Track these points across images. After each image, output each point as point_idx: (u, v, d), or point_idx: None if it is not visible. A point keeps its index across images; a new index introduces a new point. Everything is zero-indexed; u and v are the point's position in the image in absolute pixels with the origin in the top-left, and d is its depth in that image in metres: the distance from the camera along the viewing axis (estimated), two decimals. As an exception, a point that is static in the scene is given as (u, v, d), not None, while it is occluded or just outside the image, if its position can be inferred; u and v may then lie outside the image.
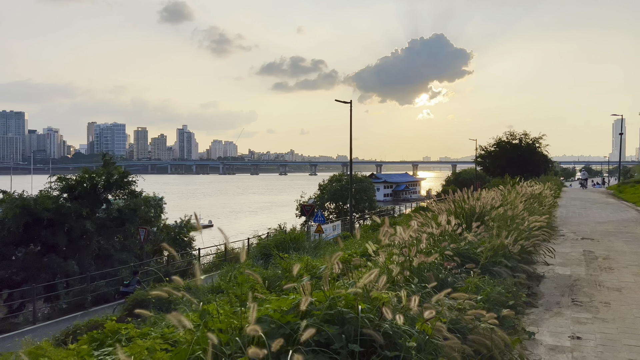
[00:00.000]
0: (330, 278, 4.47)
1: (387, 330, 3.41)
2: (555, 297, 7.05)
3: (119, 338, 4.63)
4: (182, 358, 2.94)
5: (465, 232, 8.05)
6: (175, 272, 23.20)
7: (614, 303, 6.71)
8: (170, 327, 4.61)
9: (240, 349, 3.01)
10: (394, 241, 6.23)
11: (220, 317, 3.47)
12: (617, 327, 5.69)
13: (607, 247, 11.43)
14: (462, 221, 8.79)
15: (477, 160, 54.00)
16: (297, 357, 2.46)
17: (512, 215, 9.74)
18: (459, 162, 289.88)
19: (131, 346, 3.22)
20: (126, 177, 27.67)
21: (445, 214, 7.75)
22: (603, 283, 7.87)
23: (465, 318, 4.33)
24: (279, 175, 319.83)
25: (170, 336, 3.89)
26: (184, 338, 3.45)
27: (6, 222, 22.98)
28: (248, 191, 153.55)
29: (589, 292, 7.29)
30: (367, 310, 3.58)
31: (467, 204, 11.05)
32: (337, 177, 55.74)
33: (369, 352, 3.34)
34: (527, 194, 16.15)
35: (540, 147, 48.76)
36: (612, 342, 5.20)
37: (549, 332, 5.51)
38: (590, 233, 13.75)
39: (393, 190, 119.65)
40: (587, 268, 9.06)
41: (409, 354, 3.31)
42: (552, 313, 6.26)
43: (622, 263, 9.48)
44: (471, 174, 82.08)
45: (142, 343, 3.31)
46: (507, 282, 6.24)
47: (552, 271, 8.73)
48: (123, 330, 4.69)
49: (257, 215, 75.06)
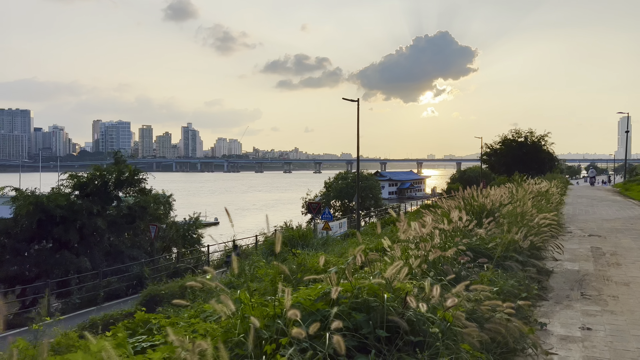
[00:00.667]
0: (353, 270, 4.71)
1: (411, 317, 3.64)
2: (564, 290, 7.25)
3: (150, 327, 4.87)
4: (232, 335, 3.17)
5: (476, 228, 8.26)
6: (186, 269, 23.53)
7: (622, 297, 6.91)
8: (196, 317, 4.85)
9: (277, 332, 3.24)
10: (409, 236, 6.46)
11: (253, 304, 3.70)
12: (625, 319, 5.90)
13: (615, 243, 11.60)
14: (473, 218, 9.00)
15: (483, 158, 54.03)
16: (336, 339, 2.68)
17: (522, 212, 9.94)
18: (464, 159, 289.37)
19: (177, 329, 3.44)
20: (137, 175, 28.07)
21: (457, 211, 7.96)
22: (611, 278, 8.06)
23: (482, 308, 4.56)
24: (283, 173, 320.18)
25: (198, 326, 4.12)
26: (220, 324, 3.68)
27: (20, 218, 23.39)
28: (253, 189, 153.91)
29: (598, 287, 7.48)
30: (392, 299, 3.81)
31: (477, 201, 11.27)
32: (342, 175, 55.91)
33: (394, 337, 3.57)
34: (534, 191, 16.33)
35: (546, 144, 48.75)
36: (621, 333, 5.41)
37: (560, 324, 5.72)
38: (598, 230, 13.91)
39: (398, 188, 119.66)
40: (595, 264, 9.25)
41: (432, 339, 3.53)
42: (562, 306, 6.47)
43: (630, 259, 9.66)
44: (476, 172, 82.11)
45: (187, 326, 3.54)
46: (519, 276, 6.45)
47: (560, 266, 8.93)
48: (153, 320, 4.93)
49: (263, 213, 75.31)
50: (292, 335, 2.79)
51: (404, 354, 3.42)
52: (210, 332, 3.40)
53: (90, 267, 22.74)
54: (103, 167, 27.61)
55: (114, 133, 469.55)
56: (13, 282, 22.42)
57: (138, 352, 3.65)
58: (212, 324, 3.63)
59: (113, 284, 21.27)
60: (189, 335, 3.34)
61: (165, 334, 3.61)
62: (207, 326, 3.57)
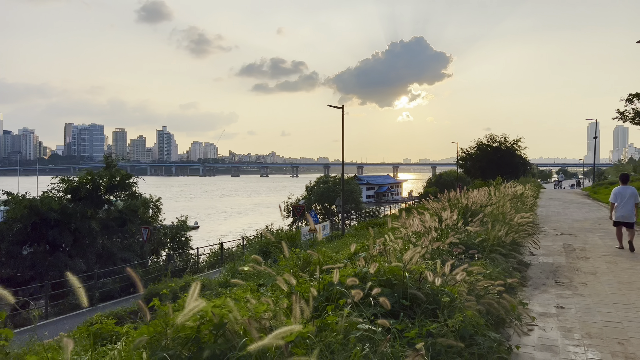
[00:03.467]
0: (370, 257, 5.69)
1: (427, 290, 4.63)
2: (541, 279, 8.36)
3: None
4: (306, 289, 4.07)
5: (463, 226, 9.33)
6: (176, 270, 24.12)
7: (590, 283, 8.04)
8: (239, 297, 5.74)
9: (327, 299, 4.19)
10: (410, 231, 7.49)
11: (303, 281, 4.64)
12: (592, 300, 7.01)
13: (584, 240, 12.86)
14: (460, 217, 10.08)
15: (459, 163, 55.73)
16: (382, 299, 3.64)
17: (502, 212, 11.09)
18: (439, 164, 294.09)
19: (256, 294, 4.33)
20: (128, 179, 28.62)
21: (449, 210, 9.02)
22: (580, 269, 9.22)
23: (478, 287, 5.58)
24: (260, 177, 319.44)
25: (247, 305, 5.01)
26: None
27: (14, 221, 23.71)
28: (235, 192, 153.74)
29: (569, 276, 8.62)
30: (409, 278, 4.80)
31: (461, 202, 12.39)
32: (324, 179, 56.99)
33: (414, 306, 4.54)
34: (510, 194, 17.60)
35: (519, 149, 50.65)
36: (588, 310, 6.51)
37: (539, 304, 6.80)
38: (569, 229, 15.20)
39: (375, 192, 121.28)
40: (567, 257, 10.42)
41: (443, 307, 4.52)
42: (539, 291, 7.56)
43: (597, 253, 10.87)
44: (452, 176, 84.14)
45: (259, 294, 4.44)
46: (504, 266, 7.52)
47: (537, 260, 10.07)
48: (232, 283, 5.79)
49: (244, 217, 75.90)
50: (352, 296, 3.74)
51: (423, 317, 4.41)
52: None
53: (84, 268, 23.17)
54: (95, 172, 28.07)
55: (87, 136, 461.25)
56: (7, 284, 22.61)
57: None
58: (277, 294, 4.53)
59: (107, 285, 21.76)
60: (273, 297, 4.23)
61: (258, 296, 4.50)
62: (276, 295, 4.47)
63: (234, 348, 3.06)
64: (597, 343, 5.24)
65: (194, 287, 2.98)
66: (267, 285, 5.29)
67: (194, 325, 3.27)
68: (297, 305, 3.20)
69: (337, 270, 4.21)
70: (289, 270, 5.66)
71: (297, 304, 3.21)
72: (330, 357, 3.09)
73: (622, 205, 11.42)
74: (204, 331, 3.25)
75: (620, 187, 11.77)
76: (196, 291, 2.98)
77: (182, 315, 2.90)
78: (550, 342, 5.28)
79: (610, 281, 8.16)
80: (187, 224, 32.50)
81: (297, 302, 3.21)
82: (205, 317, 3.20)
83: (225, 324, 3.14)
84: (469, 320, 4.52)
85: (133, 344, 3.18)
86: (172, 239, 30.83)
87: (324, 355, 3.12)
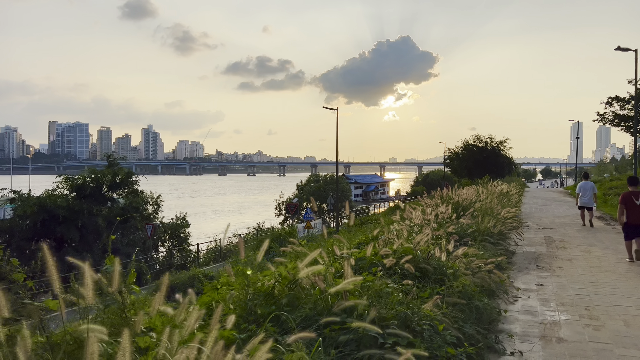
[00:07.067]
0: (388, 239, 6.90)
1: (434, 264, 5.85)
2: (524, 264, 9.65)
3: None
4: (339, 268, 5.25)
5: (456, 219, 10.60)
6: (178, 264, 25.14)
7: (566, 267, 9.35)
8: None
9: (361, 267, 5.38)
10: (413, 222, 8.73)
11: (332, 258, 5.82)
12: (567, 280, 8.30)
13: (563, 234, 14.22)
14: (453, 211, 11.36)
15: (445, 162, 57.23)
16: (407, 265, 4.85)
17: (490, 208, 12.40)
18: (425, 163, 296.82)
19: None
20: (130, 177, 29.69)
21: (444, 205, 10.28)
22: (559, 256, 10.54)
23: (472, 265, 6.82)
24: (247, 176, 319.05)
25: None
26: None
27: (23, 218, 24.62)
28: (226, 191, 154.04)
29: (549, 262, 9.92)
30: (420, 255, 6.02)
31: (452, 199, 13.68)
32: (314, 178, 58.25)
33: (423, 277, 5.76)
34: (497, 192, 18.97)
35: (505, 149, 52.27)
36: (563, 286, 7.79)
37: (522, 282, 8.07)
38: (550, 224, 16.58)
39: (363, 191, 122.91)
40: (547, 247, 11.75)
41: (448, 276, 5.75)
42: (523, 273, 8.84)
43: (573, 244, 12.21)
44: (438, 175, 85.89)
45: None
46: (493, 251, 8.80)
47: (521, 249, 11.39)
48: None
49: (236, 215, 76.68)
50: (386, 262, 4.95)
51: (432, 284, 5.64)
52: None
53: (92, 263, 23.95)
54: (98, 170, 29.07)
55: (71, 135, 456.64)
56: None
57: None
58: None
59: (114, 279, 22.66)
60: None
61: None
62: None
63: (304, 297, 4.24)
64: (568, 309, 6.51)
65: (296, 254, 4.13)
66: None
67: (270, 284, 4.45)
68: (348, 267, 4.38)
69: (371, 244, 5.41)
70: (327, 247, 6.83)
71: (348, 266, 4.40)
72: (377, 300, 4.29)
73: (584, 195, 15.90)
74: (278, 288, 4.43)
75: (583, 182, 16.45)
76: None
77: (302, 272, 4.01)
78: (531, 309, 6.54)
79: (583, 265, 9.48)
80: (186, 221, 33.59)
81: (347, 265, 4.39)
82: (281, 276, 4.37)
83: (297, 280, 4.32)
84: (468, 286, 5.76)
85: (228, 296, 4.34)
86: (172, 235, 31.90)
87: (371, 299, 4.31)
